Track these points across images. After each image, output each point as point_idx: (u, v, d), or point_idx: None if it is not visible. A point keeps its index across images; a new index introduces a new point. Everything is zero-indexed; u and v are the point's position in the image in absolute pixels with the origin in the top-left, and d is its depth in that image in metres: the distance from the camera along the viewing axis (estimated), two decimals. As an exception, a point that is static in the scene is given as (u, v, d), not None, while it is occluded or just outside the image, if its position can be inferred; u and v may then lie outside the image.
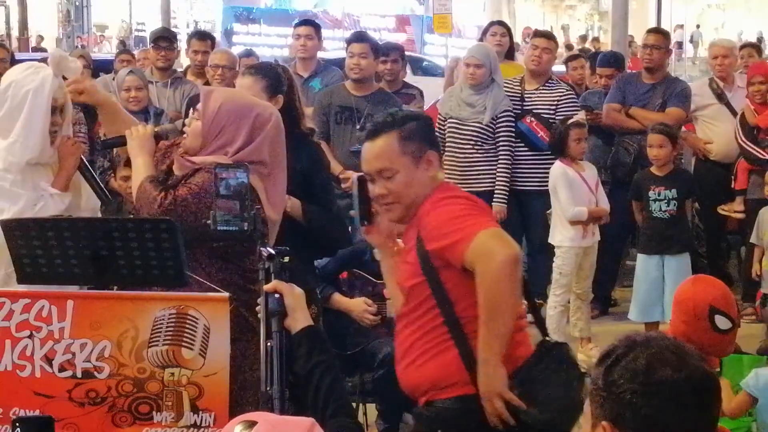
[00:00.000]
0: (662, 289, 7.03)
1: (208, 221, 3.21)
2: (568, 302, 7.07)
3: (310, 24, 8.35)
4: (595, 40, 31.65)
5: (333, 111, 7.15)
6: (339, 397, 2.73)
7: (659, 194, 7.09)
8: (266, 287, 2.89)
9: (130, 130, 4.15)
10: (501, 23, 9.13)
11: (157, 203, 3.89)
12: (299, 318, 2.85)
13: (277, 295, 2.86)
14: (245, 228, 3.18)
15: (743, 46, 9.89)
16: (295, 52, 8.27)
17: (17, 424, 2.47)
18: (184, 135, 4.10)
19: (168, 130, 4.25)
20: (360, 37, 7.61)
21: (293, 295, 2.87)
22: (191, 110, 4.24)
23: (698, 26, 38.04)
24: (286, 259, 2.93)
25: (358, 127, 7.10)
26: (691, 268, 7.15)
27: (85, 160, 4.53)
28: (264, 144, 3.99)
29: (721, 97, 8.35)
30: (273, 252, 2.93)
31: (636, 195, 7.27)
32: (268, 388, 2.83)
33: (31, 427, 2.47)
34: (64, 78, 4.41)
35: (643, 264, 7.13)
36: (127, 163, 6.43)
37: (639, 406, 2.06)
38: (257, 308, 2.96)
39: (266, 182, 4.00)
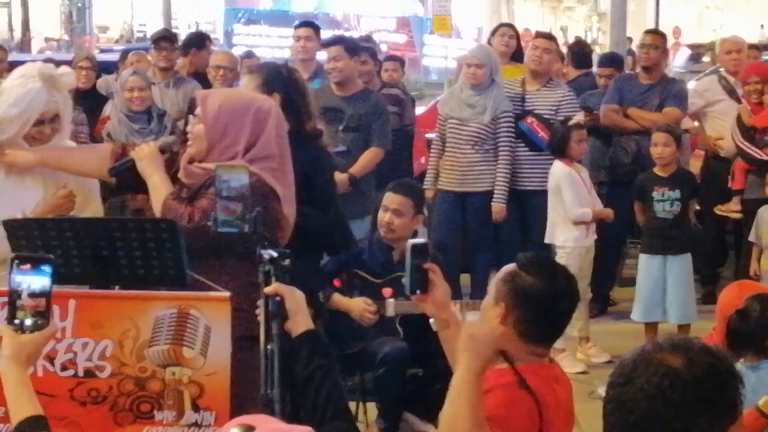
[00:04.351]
0: (664, 289, 7.05)
1: (209, 223, 3.21)
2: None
3: (310, 25, 8.37)
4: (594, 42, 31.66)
5: (319, 112, 7.19)
6: (338, 401, 2.73)
7: (663, 195, 7.09)
8: (267, 290, 2.86)
9: (135, 151, 4.13)
10: (509, 25, 9.15)
11: (185, 220, 3.86)
12: (300, 321, 2.83)
13: (278, 298, 2.84)
14: (246, 230, 3.18)
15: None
16: (295, 53, 8.30)
17: (16, 261, 2.49)
18: (189, 142, 4.08)
19: (170, 142, 4.23)
20: (333, 41, 7.64)
21: (294, 298, 2.85)
22: (191, 116, 4.23)
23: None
24: (287, 261, 2.93)
25: (341, 127, 7.13)
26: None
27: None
28: (270, 137, 4.00)
29: (731, 92, 8.34)
30: (274, 254, 2.92)
31: (639, 196, 7.27)
32: (268, 392, 2.83)
33: (29, 261, 2.49)
34: None
35: (646, 264, 7.14)
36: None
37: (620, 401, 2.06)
38: (257, 311, 2.95)
39: (277, 177, 4.00)
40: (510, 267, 3.20)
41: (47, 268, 2.49)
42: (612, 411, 2.07)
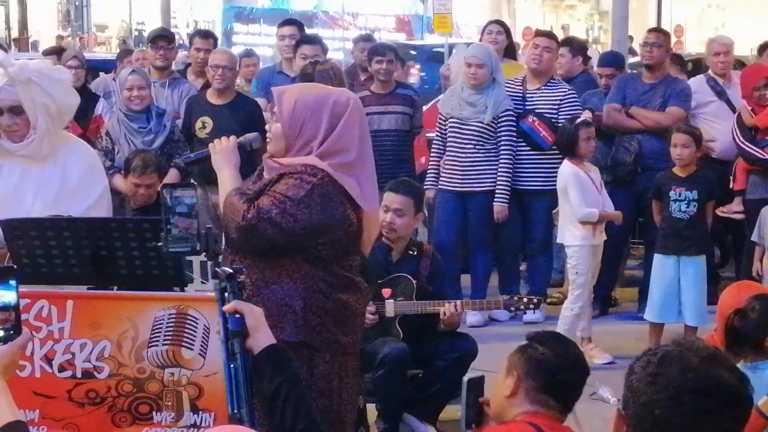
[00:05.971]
0: (678, 290, 7.00)
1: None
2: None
3: (294, 23, 8.37)
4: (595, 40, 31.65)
5: None
6: (307, 414, 2.71)
7: (680, 195, 7.04)
8: (225, 308, 2.81)
9: (214, 143, 4.00)
10: (499, 22, 9.12)
11: (240, 216, 3.71)
12: (260, 337, 2.78)
13: (237, 316, 2.78)
14: (198, 248, 3.14)
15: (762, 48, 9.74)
16: (281, 52, 8.28)
17: None
18: (268, 141, 3.97)
19: (251, 139, 4.12)
20: (312, 39, 7.63)
21: (253, 314, 2.80)
22: (271, 113, 4.11)
23: None
24: (243, 277, 2.88)
25: None
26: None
27: None
28: (347, 130, 3.85)
29: (721, 94, 8.33)
30: (231, 271, 2.86)
31: (657, 194, 7.23)
32: (235, 411, 2.76)
33: None
34: None
35: (660, 264, 7.08)
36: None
37: (650, 405, 2.09)
38: (217, 329, 2.90)
39: (356, 171, 3.86)
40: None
41: (13, 282, 2.46)
42: (649, 414, 2.10)
